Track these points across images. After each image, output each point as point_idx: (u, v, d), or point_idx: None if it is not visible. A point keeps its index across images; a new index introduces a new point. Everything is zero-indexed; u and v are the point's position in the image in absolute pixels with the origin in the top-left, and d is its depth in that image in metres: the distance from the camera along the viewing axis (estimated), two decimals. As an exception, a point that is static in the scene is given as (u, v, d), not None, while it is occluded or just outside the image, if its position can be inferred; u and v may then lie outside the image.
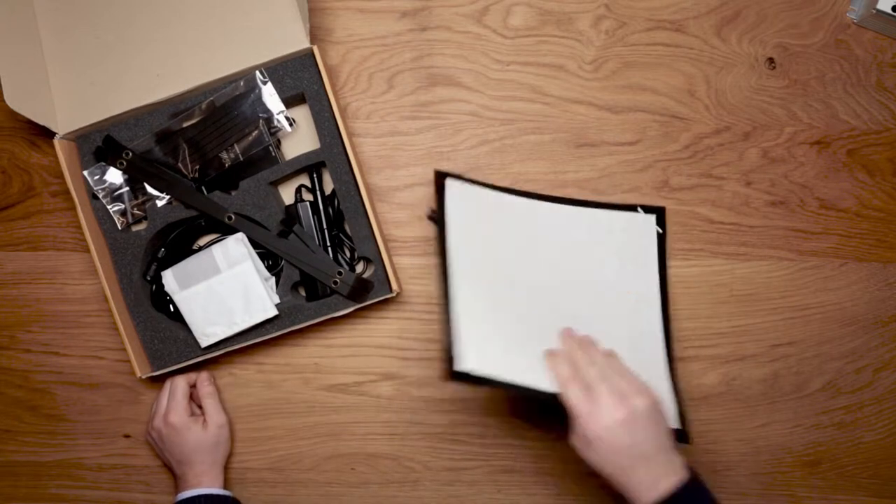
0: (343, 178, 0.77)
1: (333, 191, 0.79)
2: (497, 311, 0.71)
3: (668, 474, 0.61)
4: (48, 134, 0.77)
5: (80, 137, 0.78)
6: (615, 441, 0.61)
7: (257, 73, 0.77)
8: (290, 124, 0.78)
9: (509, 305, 0.72)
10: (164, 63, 0.77)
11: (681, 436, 0.69)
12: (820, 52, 0.83)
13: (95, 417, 0.84)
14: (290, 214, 0.78)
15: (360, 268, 0.81)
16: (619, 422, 0.61)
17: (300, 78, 0.77)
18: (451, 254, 0.70)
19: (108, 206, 0.78)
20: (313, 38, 0.78)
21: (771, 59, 0.83)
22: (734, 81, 0.83)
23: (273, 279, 0.79)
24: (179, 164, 0.78)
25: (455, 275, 0.69)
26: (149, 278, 0.80)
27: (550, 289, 0.75)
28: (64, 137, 0.77)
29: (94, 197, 0.78)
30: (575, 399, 0.63)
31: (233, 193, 0.78)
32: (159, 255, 0.80)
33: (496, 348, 0.68)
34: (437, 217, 0.71)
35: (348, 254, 0.80)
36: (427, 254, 0.83)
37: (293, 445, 0.84)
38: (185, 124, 0.77)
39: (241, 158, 0.78)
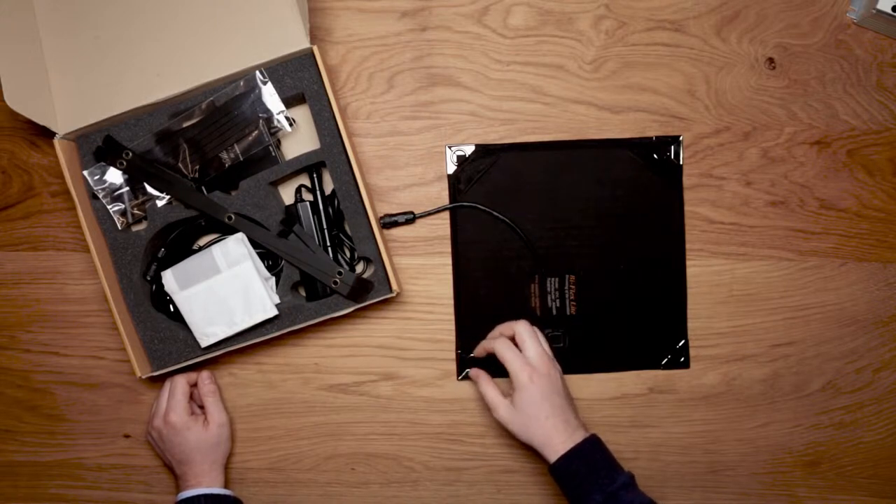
0: (343, 178, 0.77)
1: (333, 191, 0.78)
2: None
3: (578, 428, 0.72)
4: (48, 134, 0.77)
5: (80, 137, 0.78)
6: (543, 387, 0.72)
7: (257, 73, 0.77)
8: (290, 124, 0.78)
9: None
10: (164, 63, 0.77)
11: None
12: (820, 52, 0.83)
13: (95, 417, 0.84)
14: (290, 214, 0.78)
15: (360, 268, 0.81)
16: (546, 372, 0.73)
17: (300, 78, 0.77)
18: None
19: (108, 206, 0.78)
20: (313, 38, 0.78)
21: (771, 59, 0.83)
22: (734, 81, 0.83)
23: (273, 279, 0.79)
24: (179, 164, 0.78)
25: None
26: (149, 278, 0.80)
27: None
28: (64, 137, 0.77)
29: (94, 197, 0.78)
30: (510, 353, 0.74)
31: (233, 193, 0.78)
32: (159, 255, 0.80)
33: None
34: None
35: (348, 254, 0.80)
36: (427, 254, 0.83)
37: (293, 445, 0.84)
38: (185, 124, 0.77)
39: (241, 158, 0.78)
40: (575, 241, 0.83)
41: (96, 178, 0.78)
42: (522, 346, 0.75)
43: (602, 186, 0.82)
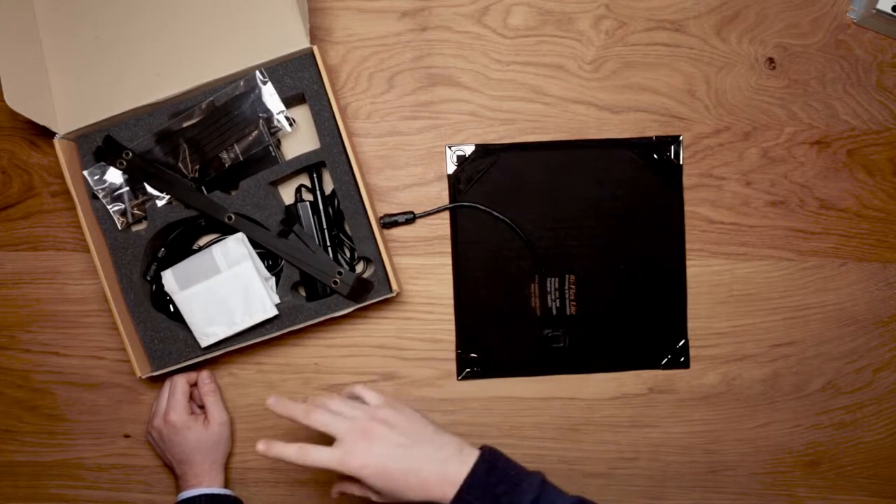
0: (343, 178, 0.77)
1: (333, 191, 0.79)
2: None
3: (450, 460, 0.61)
4: (48, 134, 0.77)
5: (80, 137, 0.78)
6: (375, 458, 0.61)
7: (257, 73, 0.77)
8: (290, 124, 0.78)
9: None
10: (164, 63, 0.77)
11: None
12: (820, 52, 0.83)
13: (95, 417, 0.84)
14: (290, 214, 0.78)
15: (360, 268, 0.81)
16: (366, 443, 0.61)
17: (300, 78, 0.77)
18: None
19: (108, 206, 0.78)
20: (313, 38, 0.78)
21: (771, 59, 0.83)
22: (734, 81, 0.83)
23: (273, 279, 0.79)
24: (179, 164, 0.78)
25: None
26: (149, 278, 0.80)
27: None
28: (64, 137, 0.77)
29: (94, 197, 0.78)
30: (322, 459, 0.62)
31: (233, 193, 0.78)
32: (159, 255, 0.80)
33: None
34: None
35: (348, 254, 0.80)
36: (427, 254, 0.83)
37: (293, 445, 0.84)
38: (185, 124, 0.77)
39: (241, 158, 0.78)
40: (575, 241, 0.83)
41: (96, 178, 0.78)
42: (326, 432, 0.64)
43: (602, 186, 0.82)
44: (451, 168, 0.82)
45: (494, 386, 0.83)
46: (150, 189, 0.78)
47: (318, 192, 0.80)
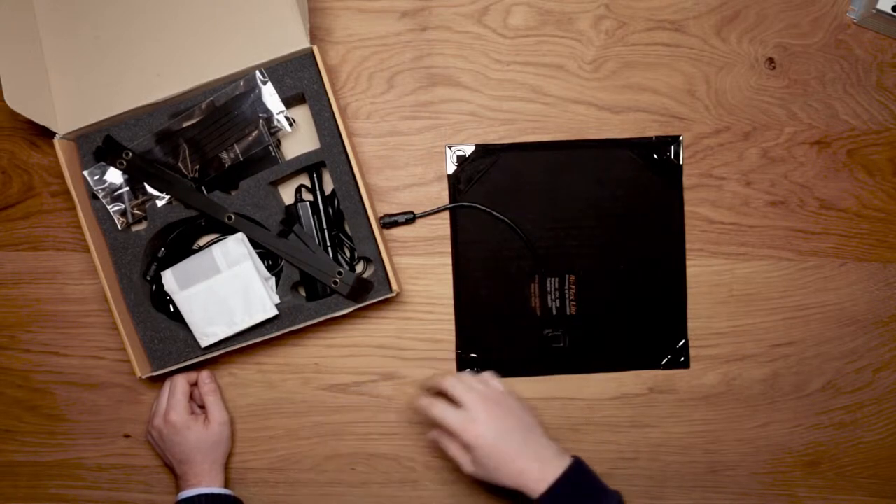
0: (343, 178, 0.77)
1: (333, 191, 0.79)
2: None
3: (552, 458, 0.68)
4: (48, 134, 0.77)
5: (80, 137, 0.78)
6: (492, 433, 0.68)
7: (257, 73, 0.77)
8: (290, 124, 0.78)
9: None
10: (164, 63, 0.77)
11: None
12: (820, 52, 0.83)
13: (95, 417, 0.84)
14: (290, 214, 0.78)
15: (360, 268, 0.81)
16: (488, 417, 0.69)
17: (300, 78, 0.77)
18: None
19: (108, 206, 0.78)
20: (313, 38, 0.78)
21: (771, 59, 0.83)
22: (734, 81, 0.83)
23: (273, 279, 0.79)
24: (179, 164, 0.78)
25: None
26: (149, 278, 0.80)
27: None
28: (64, 137, 0.77)
29: (94, 197, 0.78)
30: (446, 415, 0.70)
31: (233, 193, 0.78)
32: (159, 255, 0.80)
33: None
34: None
35: (348, 254, 0.80)
36: (427, 254, 0.83)
37: (293, 445, 0.84)
38: (185, 124, 0.77)
39: (241, 158, 0.78)
40: (575, 241, 0.83)
41: (96, 178, 0.78)
42: (456, 401, 0.72)
43: (602, 186, 0.82)
44: (451, 168, 0.82)
45: (494, 386, 0.83)
46: (150, 189, 0.78)
47: (318, 192, 0.80)
